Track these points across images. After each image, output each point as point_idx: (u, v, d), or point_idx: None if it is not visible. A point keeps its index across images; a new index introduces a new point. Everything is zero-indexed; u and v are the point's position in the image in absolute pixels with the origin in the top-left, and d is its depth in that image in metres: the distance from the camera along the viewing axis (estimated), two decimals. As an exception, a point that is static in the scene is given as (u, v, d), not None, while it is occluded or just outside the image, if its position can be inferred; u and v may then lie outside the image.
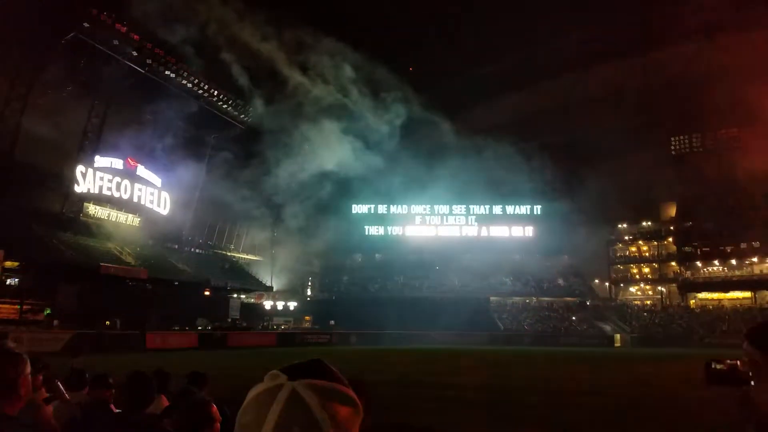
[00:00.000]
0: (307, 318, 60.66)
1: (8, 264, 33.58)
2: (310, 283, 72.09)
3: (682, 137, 69.57)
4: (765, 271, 58.63)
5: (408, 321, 50.21)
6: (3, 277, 33.61)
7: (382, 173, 60.43)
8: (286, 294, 63.72)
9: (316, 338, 47.19)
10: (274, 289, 61.06)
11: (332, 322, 55.57)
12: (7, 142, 36.91)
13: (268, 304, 59.66)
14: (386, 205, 71.62)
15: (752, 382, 1.26)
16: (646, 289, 69.41)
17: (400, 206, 71.83)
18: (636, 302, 66.97)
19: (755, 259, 59.76)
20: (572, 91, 65.48)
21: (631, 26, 53.34)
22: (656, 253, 68.55)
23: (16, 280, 34.17)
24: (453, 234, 72.02)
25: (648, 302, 66.43)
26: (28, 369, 2.35)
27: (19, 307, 31.49)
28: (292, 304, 62.42)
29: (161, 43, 43.94)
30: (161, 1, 41.12)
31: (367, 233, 70.84)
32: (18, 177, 37.79)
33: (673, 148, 70.11)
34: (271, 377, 0.90)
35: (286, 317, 59.74)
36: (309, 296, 69.07)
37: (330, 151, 58.68)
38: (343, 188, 61.19)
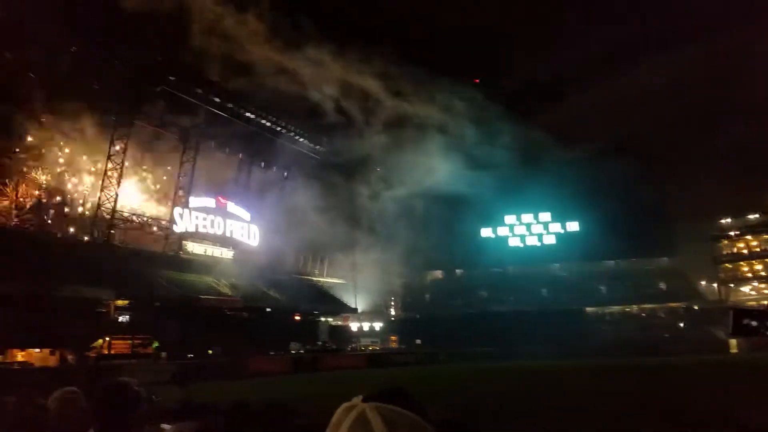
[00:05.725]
0: (393, 338, 60.91)
1: (120, 302, 36.85)
2: (393, 303, 72.47)
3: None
4: None
5: (496, 337, 48.70)
6: (116, 315, 36.87)
7: (462, 188, 59.14)
8: (371, 315, 64.56)
9: (404, 358, 46.99)
10: (359, 311, 62.10)
11: (418, 341, 55.30)
12: (112, 194, 40.76)
13: (354, 326, 60.80)
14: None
15: None
16: (761, 288, 62.82)
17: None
18: (751, 303, 60.61)
19: None
20: (658, 75, 61.30)
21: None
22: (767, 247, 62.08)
23: (127, 317, 37.30)
24: (537, 243, 69.56)
25: (765, 302, 59.98)
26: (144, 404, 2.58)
27: (130, 342, 34.23)
28: (378, 325, 63.14)
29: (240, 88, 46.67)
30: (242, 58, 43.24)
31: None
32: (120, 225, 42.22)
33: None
34: (354, 399, 0.98)
35: (372, 338, 60.46)
36: (393, 316, 69.39)
37: (403, 171, 59.26)
38: (421, 206, 61.24)
